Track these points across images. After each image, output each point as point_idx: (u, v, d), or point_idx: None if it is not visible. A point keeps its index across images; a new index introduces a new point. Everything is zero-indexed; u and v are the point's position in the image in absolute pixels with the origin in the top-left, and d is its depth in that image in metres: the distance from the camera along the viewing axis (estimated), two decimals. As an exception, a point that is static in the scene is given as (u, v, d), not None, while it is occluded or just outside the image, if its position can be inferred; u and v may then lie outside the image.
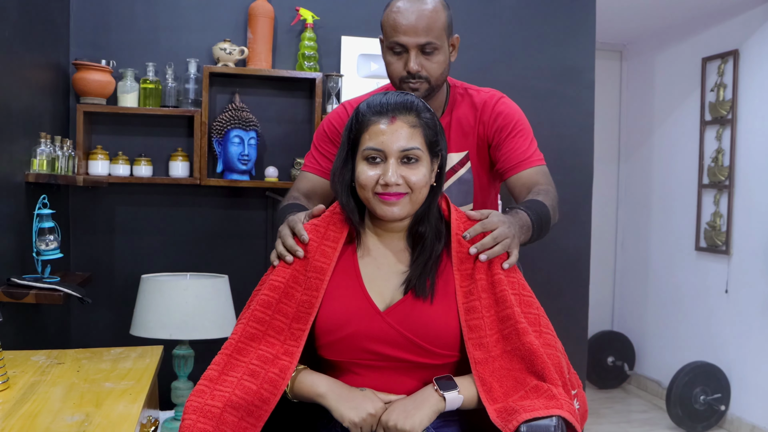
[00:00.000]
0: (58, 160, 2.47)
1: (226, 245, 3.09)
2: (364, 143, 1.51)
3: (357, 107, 1.56)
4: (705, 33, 4.34)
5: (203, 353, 2.83)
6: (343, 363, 1.54)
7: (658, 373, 4.69)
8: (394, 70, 1.92)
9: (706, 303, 4.29)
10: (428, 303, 1.51)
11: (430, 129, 1.53)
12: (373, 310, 1.52)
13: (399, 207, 1.51)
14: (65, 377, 1.69)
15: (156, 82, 2.92)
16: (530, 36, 3.30)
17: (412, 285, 1.52)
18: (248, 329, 1.54)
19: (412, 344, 1.50)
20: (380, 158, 1.50)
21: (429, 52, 1.88)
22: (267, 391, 1.46)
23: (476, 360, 1.49)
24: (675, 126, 4.61)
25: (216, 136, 2.94)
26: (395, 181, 1.48)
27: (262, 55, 2.96)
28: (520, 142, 1.99)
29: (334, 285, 1.55)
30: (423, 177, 1.51)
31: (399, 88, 1.93)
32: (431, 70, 1.89)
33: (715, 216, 4.20)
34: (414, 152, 1.49)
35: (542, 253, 3.25)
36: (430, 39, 1.86)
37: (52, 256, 2.25)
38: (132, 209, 3.03)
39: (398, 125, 1.49)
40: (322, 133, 2.07)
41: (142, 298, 2.68)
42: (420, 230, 1.57)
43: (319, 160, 2.06)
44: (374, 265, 1.57)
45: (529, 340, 1.48)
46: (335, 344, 1.52)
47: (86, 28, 2.94)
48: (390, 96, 1.53)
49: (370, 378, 1.52)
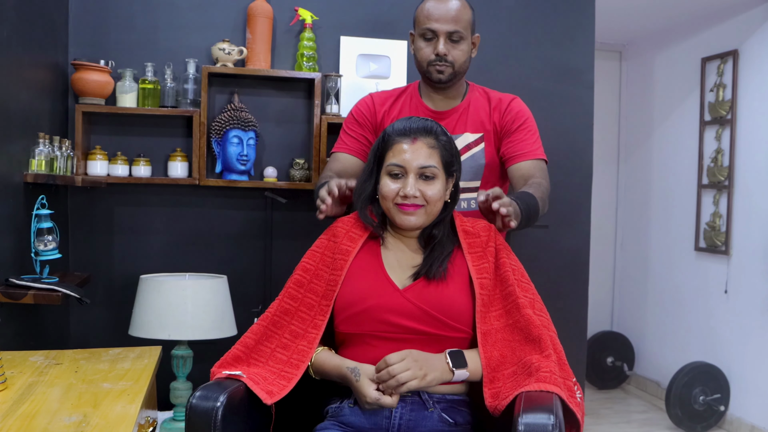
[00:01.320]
0: (57, 160, 2.47)
1: (224, 245, 3.09)
2: (388, 160, 1.76)
3: (385, 130, 1.81)
4: (704, 33, 4.35)
5: (202, 354, 2.84)
6: (360, 336, 1.72)
7: (658, 374, 4.69)
8: (423, 54, 2.20)
9: (705, 303, 4.30)
10: (443, 283, 1.73)
11: (446, 151, 1.78)
12: (392, 287, 1.74)
13: (416, 217, 1.75)
14: (63, 378, 1.69)
15: (155, 82, 2.92)
16: (529, 36, 3.30)
17: (424, 272, 1.74)
18: (283, 304, 1.79)
19: (428, 316, 1.70)
20: (401, 173, 1.74)
21: (456, 40, 2.18)
22: (296, 359, 1.70)
23: (483, 332, 1.70)
24: (674, 126, 4.61)
25: (215, 136, 2.95)
26: (413, 193, 1.72)
27: (261, 55, 2.97)
28: (527, 136, 2.24)
29: (357, 266, 1.78)
30: (438, 192, 1.75)
31: (426, 72, 2.21)
32: (456, 56, 2.18)
33: (715, 216, 4.21)
34: (431, 170, 1.74)
35: (541, 253, 3.25)
36: (457, 28, 2.16)
37: (51, 256, 2.26)
38: (131, 209, 3.03)
39: (419, 145, 1.74)
40: (351, 119, 2.34)
41: (140, 299, 2.68)
42: (434, 233, 1.80)
43: (347, 141, 2.31)
44: (394, 256, 1.80)
45: (527, 312, 1.69)
46: (355, 317, 1.72)
47: (85, 28, 2.94)
48: (413, 120, 1.79)
49: (385, 349, 1.67)
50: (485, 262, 1.77)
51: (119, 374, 1.74)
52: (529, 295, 1.76)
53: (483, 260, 1.77)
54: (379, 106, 2.32)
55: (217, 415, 1.53)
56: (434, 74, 2.20)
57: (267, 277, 3.05)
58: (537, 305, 1.76)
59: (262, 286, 3.06)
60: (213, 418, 1.53)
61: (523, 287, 1.77)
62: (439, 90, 2.28)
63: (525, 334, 1.67)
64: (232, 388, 1.59)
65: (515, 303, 1.71)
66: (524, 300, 1.72)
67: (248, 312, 2.93)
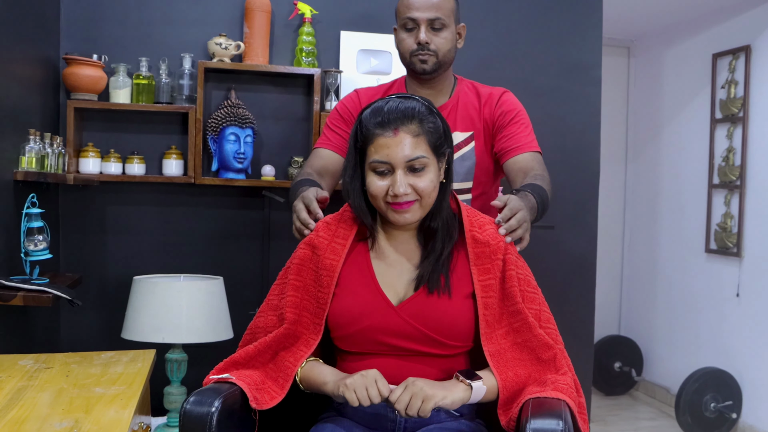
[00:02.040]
0: (48, 157, 2.47)
1: (221, 246, 3.08)
2: (370, 155, 1.61)
3: (360, 116, 1.66)
4: (716, 28, 4.34)
5: (197, 358, 2.83)
6: (355, 352, 1.67)
7: (667, 380, 4.68)
8: (405, 45, 2.19)
9: (716, 307, 4.29)
10: (443, 297, 1.62)
11: (433, 132, 1.63)
12: (386, 304, 1.64)
13: (410, 213, 1.62)
14: (54, 382, 1.68)
15: (149, 78, 2.91)
16: (535, 31, 3.30)
17: (425, 281, 1.64)
18: (281, 330, 1.70)
19: (426, 337, 1.61)
20: (387, 170, 1.60)
21: (438, 28, 2.16)
22: (282, 377, 1.64)
23: (491, 352, 1.62)
24: (684, 124, 4.60)
25: (211, 133, 2.94)
26: (404, 191, 1.59)
27: (259, 51, 2.96)
28: (521, 129, 2.21)
29: (347, 281, 1.68)
30: (430, 183, 1.61)
31: (409, 63, 2.20)
32: (439, 44, 2.16)
33: (726, 217, 4.20)
34: (420, 161, 1.60)
35: (547, 255, 3.24)
36: (438, 15, 2.15)
37: (41, 256, 2.25)
38: (124, 208, 3.02)
39: (401, 137, 1.59)
40: (335, 114, 2.30)
41: (134, 301, 2.68)
42: (432, 225, 1.67)
43: (331, 137, 2.27)
44: (387, 262, 1.69)
45: (539, 333, 1.62)
46: (350, 337, 1.65)
47: (77, 22, 2.94)
48: (391, 104, 1.62)
49: (384, 366, 1.61)
50: (491, 278, 1.64)
51: (112, 378, 1.73)
52: (535, 306, 1.68)
53: (489, 274, 1.65)
54: (366, 102, 2.24)
55: (212, 421, 1.52)
56: (418, 65, 2.17)
57: (264, 279, 3.05)
58: (544, 316, 1.69)
59: (260, 287, 3.05)
60: (208, 424, 1.52)
61: (530, 297, 1.68)
62: (425, 83, 2.24)
63: (537, 354, 1.62)
64: (227, 392, 1.58)
65: (525, 322, 1.63)
66: (533, 318, 1.64)
67: (245, 314, 2.92)
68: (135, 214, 3.03)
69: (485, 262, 1.65)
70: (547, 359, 1.61)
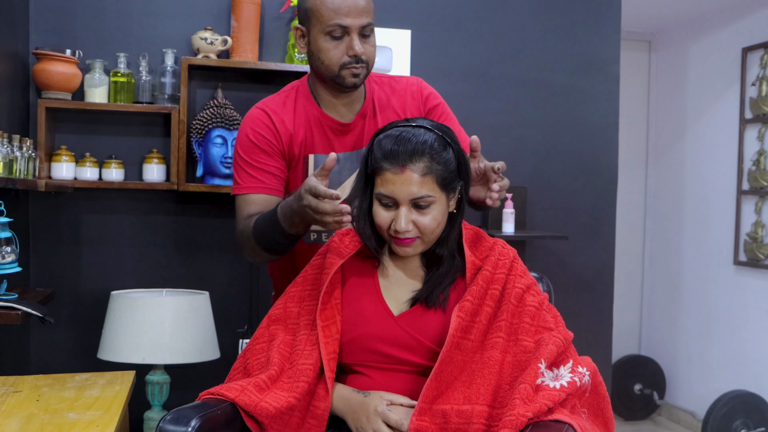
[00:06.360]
0: (17, 162, 2.47)
1: (206, 258, 3.09)
2: (377, 186, 1.70)
3: (372, 144, 1.71)
4: (746, 19, 4.35)
5: (180, 380, 2.83)
6: (352, 366, 1.74)
7: (692, 404, 4.68)
8: (333, 56, 1.98)
9: (745, 324, 4.29)
10: (440, 312, 1.72)
11: (443, 170, 1.69)
12: (386, 313, 1.74)
13: (412, 248, 1.72)
14: (23, 407, 1.68)
15: (128, 75, 2.92)
16: (548, 25, 3.31)
17: (423, 299, 1.74)
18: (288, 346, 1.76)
19: (422, 347, 1.69)
20: (391, 203, 1.69)
21: (367, 35, 2.00)
22: (305, 399, 1.67)
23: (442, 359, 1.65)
24: (711, 125, 4.61)
25: (196, 136, 2.95)
26: (405, 228, 1.68)
27: (248, 46, 2.97)
28: (454, 126, 2.11)
29: (352, 291, 1.79)
30: (433, 220, 1.70)
31: (338, 75, 1.99)
32: (370, 54, 2.01)
33: (757, 226, 4.21)
34: (425, 200, 1.68)
35: (561, 267, 3.24)
36: (369, 20, 1.99)
37: (10, 270, 2.25)
38: (100, 217, 3.02)
39: (408, 175, 1.66)
40: (251, 146, 2.05)
41: (111, 318, 2.68)
42: (437, 252, 1.77)
43: (260, 177, 2.04)
44: (390, 280, 1.80)
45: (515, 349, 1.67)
46: (346, 345, 1.73)
47: (48, 13, 2.95)
48: (405, 134, 1.68)
49: (378, 380, 1.70)
50: (476, 304, 1.70)
51: (87, 403, 1.73)
52: (529, 338, 1.69)
53: (477, 316, 1.69)
54: (280, 126, 2.07)
55: None
56: (348, 79, 1.98)
57: (253, 294, 3.05)
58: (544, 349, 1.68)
59: (248, 303, 3.06)
60: None
61: (525, 329, 1.70)
62: (341, 96, 2.07)
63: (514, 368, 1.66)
64: (209, 411, 1.58)
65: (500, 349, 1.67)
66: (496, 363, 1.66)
67: (233, 333, 2.92)
68: (112, 224, 3.04)
69: (477, 298, 1.71)
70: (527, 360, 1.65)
